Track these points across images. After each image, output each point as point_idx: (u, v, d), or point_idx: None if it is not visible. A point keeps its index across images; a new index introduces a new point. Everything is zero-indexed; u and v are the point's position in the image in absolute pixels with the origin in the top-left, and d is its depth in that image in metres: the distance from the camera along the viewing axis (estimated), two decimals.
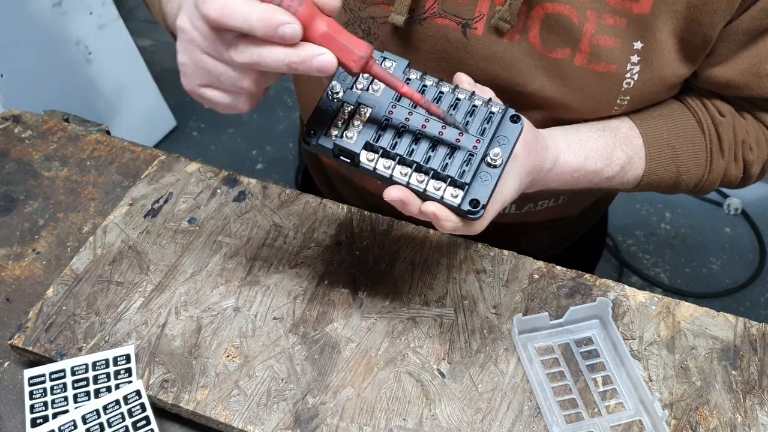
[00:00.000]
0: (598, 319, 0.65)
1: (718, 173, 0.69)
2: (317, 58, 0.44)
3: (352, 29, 0.64)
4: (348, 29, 0.64)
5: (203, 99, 0.50)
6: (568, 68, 0.62)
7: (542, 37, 0.61)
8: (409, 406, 0.59)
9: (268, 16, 0.42)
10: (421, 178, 0.50)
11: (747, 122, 0.69)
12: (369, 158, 0.50)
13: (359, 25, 0.64)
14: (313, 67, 0.44)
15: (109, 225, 0.72)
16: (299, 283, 0.68)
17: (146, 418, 0.57)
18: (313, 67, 0.44)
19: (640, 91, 0.63)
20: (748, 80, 0.64)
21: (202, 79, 0.48)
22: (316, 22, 0.44)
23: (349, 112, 0.51)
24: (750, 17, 0.59)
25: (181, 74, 0.50)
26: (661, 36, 0.60)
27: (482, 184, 0.50)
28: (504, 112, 0.51)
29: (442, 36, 0.63)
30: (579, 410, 0.60)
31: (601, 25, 0.59)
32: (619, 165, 0.67)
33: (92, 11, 1.81)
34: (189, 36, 0.47)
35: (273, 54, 0.44)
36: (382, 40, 0.64)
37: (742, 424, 0.59)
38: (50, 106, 0.93)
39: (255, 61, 0.44)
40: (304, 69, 0.44)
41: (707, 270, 1.87)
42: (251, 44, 0.44)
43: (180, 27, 0.47)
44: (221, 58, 0.46)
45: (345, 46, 0.45)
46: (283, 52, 0.44)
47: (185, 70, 0.49)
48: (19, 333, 0.63)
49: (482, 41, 0.62)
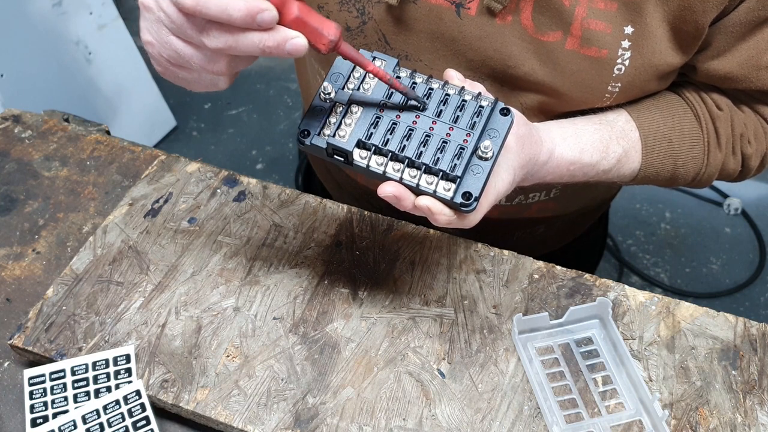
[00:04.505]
0: (598, 319, 0.65)
1: (715, 167, 0.70)
2: (290, 41, 0.44)
3: (347, 8, 0.64)
4: (342, 8, 0.64)
5: (178, 80, 0.50)
6: (560, 52, 0.62)
7: (534, 20, 0.61)
8: (409, 406, 0.59)
9: (246, 5, 0.42)
10: (413, 173, 0.50)
11: (745, 115, 0.69)
12: (362, 156, 0.51)
13: (353, 4, 0.64)
14: (285, 50, 0.44)
15: (109, 225, 0.72)
16: (299, 283, 0.68)
17: (146, 418, 0.57)
18: (285, 51, 0.45)
19: (631, 78, 0.63)
20: (747, 72, 0.63)
21: (170, 59, 0.48)
22: (288, 6, 0.45)
23: (341, 112, 0.52)
24: (747, 8, 0.59)
25: (148, 54, 0.49)
26: (651, 21, 0.60)
27: (474, 177, 0.50)
28: (493, 106, 0.52)
29: (435, 16, 0.63)
30: (579, 410, 0.60)
31: (592, 9, 0.59)
32: (615, 158, 0.67)
33: (92, 11, 1.81)
34: (155, 16, 0.46)
35: (247, 39, 0.44)
36: (376, 20, 0.64)
37: (742, 424, 0.59)
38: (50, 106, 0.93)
39: (229, 47, 0.44)
40: (277, 53, 0.45)
41: (707, 270, 1.87)
42: (225, 30, 0.44)
43: (144, 5, 0.46)
44: (191, 41, 0.46)
45: (316, 29, 0.46)
46: (258, 37, 0.44)
47: (152, 50, 0.48)
48: (19, 333, 0.63)
49: (475, 22, 0.62)
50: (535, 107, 0.67)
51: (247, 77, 2.36)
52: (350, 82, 0.53)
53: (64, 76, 1.79)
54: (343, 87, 0.52)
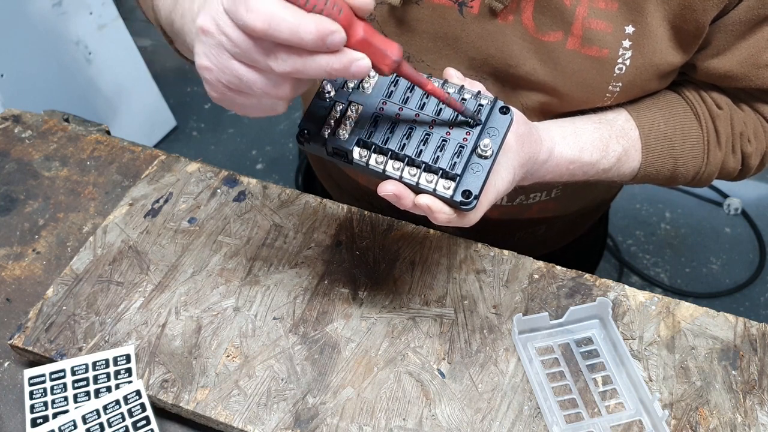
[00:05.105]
0: (598, 319, 0.65)
1: (715, 166, 0.70)
2: (355, 63, 0.43)
3: None
4: None
5: (234, 106, 0.47)
6: (561, 52, 0.62)
7: (535, 20, 0.61)
8: (409, 406, 0.59)
9: (318, 27, 0.41)
10: (413, 172, 0.50)
11: (745, 114, 0.69)
12: (362, 154, 0.51)
13: None
14: (351, 73, 0.43)
15: (109, 225, 0.72)
16: (299, 283, 0.68)
17: (146, 418, 0.57)
18: (350, 73, 0.43)
19: (632, 77, 0.63)
20: (747, 71, 0.64)
21: (230, 84, 0.45)
22: (353, 27, 0.43)
23: (341, 111, 0.52)
24: (747, 7, 0.60)
25: (203, 80, 0.46)
26: (652, 21, 0.60)
27: (474, 175, 0.50)
28: (493, 104, 0.52)
29: (438, 15, 0.63)
30: (579, 410, 0.60)
31: (593, 9, 0.60)
32: (615, 157, 0.67)
33: (92, 11, 1.81)
34: (215, 40, 0.44)
35: (315, 63, 0.42)
36: (379, 20, 0.64)
37: (742, 424, 0.59)
38: (50, 106, 0.93)
39: (297, 70, 0.43)
40: (341, 75, 0.43)
41: (707, 270, 1.87)
42: (294, 53, 0.42)
43: (203, 29, 0.44)
44: (256, 66, 0.44)
45: (380, 50, 0.45)
46: (326, 60, 0.42)
47: (209, 76, 0.46)
48: (19, 333, 0.63)
49: (477, 21, 0.62)
50: (536, 107, 0.67)
51: None
52: (350, 81, 0.53)
53: (64, 76, 1.79)
54: (343, 86, 0.53)
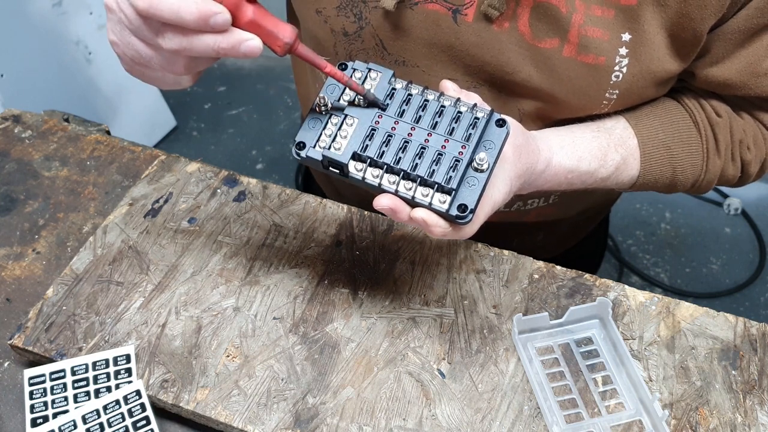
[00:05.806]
0: (598, 319, 0.65)
1: (714, 173, 0.70)
2: (244, 43, 0.46)
3: (344, 13, 0.64)
4: (340, 13, 0.64)
5: (144, 78, 0.51)
6: (557, 59, 0.62)
7: (531, 26, 0.61)
8: (409, 406, 0.59)
9: (198, 8, 0.43)
10: (409, 186, 0.50)
11: (744, 122, 0.69)
12: (357, 168, 0.51)
13: (351, 9, 0.64)
14: (240, 52, 0.46)
15: (109, 225, 0.72)
16: (299, 283, 0.68)
17: (146, 418, 0.57)
18: (240, 53, 0.46)
19: (629, 84, 0.63)
20: (746, 79, 0.63)
21: (134, 59, 0.49)
22: (242, 9, 0.46)
23: (337, 124, 0.52)
24: (745, 16, 0.59)
25: (116, 53, 0.51)
26: (649, 28, 0.60)
27: (470, 189, 0.50)
28: (489, 117, 0.52)
29: (432, 21, 0.62)
30: (579, 410, 0.60)
31: (589, 16, 0.59)
32: (613, 166, 0.67)
33: (92, 11, 1.81)
34: (117, 17, 0.47)
35: (202, 42, 0.45)
36: (374, 25, 0.64)
37: (742, 424, 0.59)
38: (50, 106, 0.93)
39: (184, 48, 0.45)
40: (233, 54, 0.46)
41: (707, 270, 1.87)
42: (179, 33, 0.45)
43: (107, 5, 0.48)
44: (149, 42, 0.47)
45: (270, 31, 0.47)
46: (213, 39, 0.45)
47: (117, 50, 0.50)
48: (19, 333, 0.63)
49: (472, 28, 0.62)
50: (533, 113, 0.67)
51: (247, 77, 2.36)
52: (346, 93, 0.53)
53: (64, 76, 1.79)
54: (339, 99, 0.52)
